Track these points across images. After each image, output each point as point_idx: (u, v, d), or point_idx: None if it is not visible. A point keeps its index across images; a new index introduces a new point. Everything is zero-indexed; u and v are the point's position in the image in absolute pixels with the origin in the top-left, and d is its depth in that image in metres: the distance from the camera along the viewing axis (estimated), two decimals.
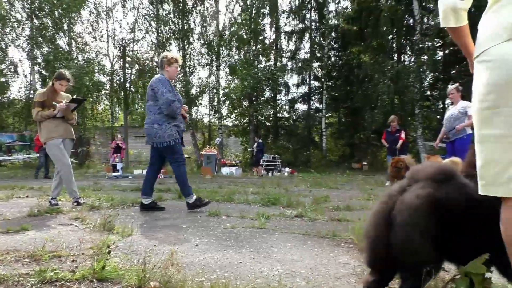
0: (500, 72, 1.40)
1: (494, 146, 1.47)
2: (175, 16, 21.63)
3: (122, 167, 15.00)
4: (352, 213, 4.63)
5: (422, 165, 1.83)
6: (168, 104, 4.76)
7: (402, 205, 1.60)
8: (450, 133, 7.00)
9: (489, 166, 1.48)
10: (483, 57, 1.48)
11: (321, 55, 25.51)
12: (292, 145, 24.80)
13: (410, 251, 1.55)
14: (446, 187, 1.63)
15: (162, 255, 2.41)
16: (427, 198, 1.58)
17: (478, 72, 1.54)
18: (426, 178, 1.68)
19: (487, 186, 1.49)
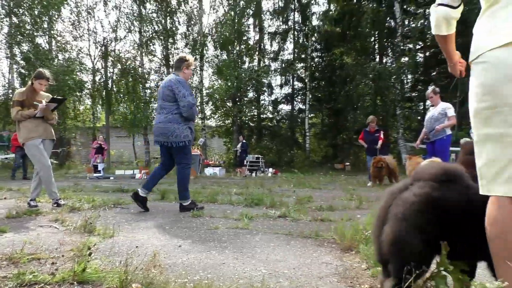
0: (497, 72, 1.45)
1: (493, 146, 1.50)
2: (158, 15, 21.44)
3: (103, 167, 14.79)
4: (334, 213, 4.67)
5: (427, 165, 1.86)
6: (190, 107, 4.84)
7: (398, 200, 1.66)
8: (430, 134, 7.14)
9: (489, 166, 1.52)
10: (480, 59, 1.53)
11: (304, 56, 25.66)
12: (276, 146, 24.88)
13: (398, 243, 1.58)
14: (446, 188, 1.66)
15: (144, 257, 2.39)
16: (423, 196, 1.62)
17: (475, 74, 1.58)
18: (427, 178, 1.72)
19: (488, 185, 1.53)
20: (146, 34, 21.81)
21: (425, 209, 1.60)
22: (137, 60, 22.37)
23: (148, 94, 22.13)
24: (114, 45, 22.44)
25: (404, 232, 1.58)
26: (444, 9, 1.73)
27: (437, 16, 1.76)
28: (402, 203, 1.63)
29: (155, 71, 22.44)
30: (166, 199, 6.09)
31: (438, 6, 1.75)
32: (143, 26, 21.53)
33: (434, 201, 1.61)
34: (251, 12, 23.56)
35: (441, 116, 6.99)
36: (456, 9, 1.72)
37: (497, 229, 1.49)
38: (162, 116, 4.89)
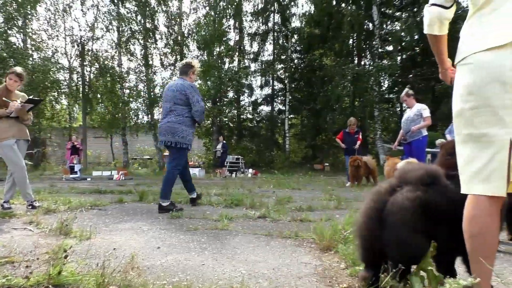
0: (481, 74, 1.50)
1: (474, 146, 1.56)
2: (137, 15, 21.15)
3: (80, 168, 14.51)
4: (314, 213, 4.70)
5: (411, 168, 1.92)
6: (202, 112, 5.11)
7: (394, 207, 1.71)
8: (407, 135, 7.26)
9: (469, 165, 1.58)
10: (466, 61, 1.59)
11: (284, 57, 25.78)
12: (256, 146, 24.91)
13: (402, 247, 1.67)
14: (431, 190, 1.74)
15: (122, 259, 2.36)
16: (417, 200, 1.69)
17: (460, 75, 1.64)
18: (414, 181, 1.79)
19: (467, 184, 1.60)
20: (125, 34, 21.50)
21: (420, 211, 1.67)
22: (116, 59, 22.04)
23: (126, 94, 21.80)
24: (91, 44, 22.07)
25: (407, 237, 1.66)
26: (437, 9, 1.76)
27: (430, 16, 1.79)
28: (399, 209, 1.69)
29: (134, 70, 22.15)
30: (144, 200, 6.01)
31: (431, 6, 1.78)
32: (122, 26, 21.21)
33: (426, 204, 1.69)
34: (231, 12, 23.51)
35: (417, 117, 7.11)
36: (449, 10, 1.75)
37: (475, 227, 1.54)
38: (172, 117, 5.01)
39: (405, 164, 1.99)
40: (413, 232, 1.66)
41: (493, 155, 1.50)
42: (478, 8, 1.61)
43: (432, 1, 1.78)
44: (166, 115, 5.08)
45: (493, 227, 1.53)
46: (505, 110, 1.47)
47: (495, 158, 1.50)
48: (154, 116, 21.78)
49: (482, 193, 1.54)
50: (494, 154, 1.50)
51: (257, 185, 9.86)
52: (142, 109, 21.92)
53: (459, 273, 1.90)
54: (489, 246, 1.53)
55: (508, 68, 1.44)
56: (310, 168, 21.36)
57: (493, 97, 1.48)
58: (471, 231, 1.55)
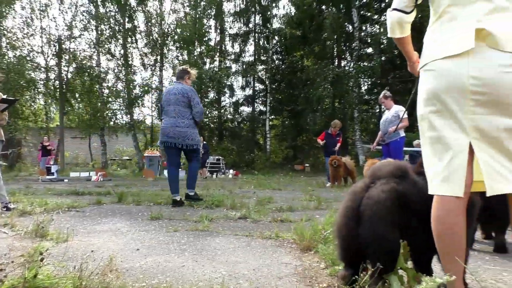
0: (441, 80, 1.58)
1: (435, 148, 1.64)
2: (116, 14, 20.85)
3: (57, 169, 14.22)
4: (294, 213, 4.72)
5: (380, 164, 1.97)
6: (202, 113, 5.71)
7: (369, 200, 1.74)
8: (385, 136, 7.39)
9: (431, 166, 1.65)
10: (428, 67, 1.66)
11: (265, 58, 25.85)
12: (237, 147, 24.89)
13: (379, 241, 1.68)
14: (404, 182, 1.80)
15: (100, 261, 2.32)
16: (392, 191, 1.73)
17: (423, 80, 1.71)
18: (386, 175, 1.83)
19: (431, 185, 1.67)
20: (104, 33, 21.16)
21: (396, 202, 1.71)
22: (94, 59, 21.68)
23: (105, 94, 21.46)
24: (69, 44, 21.64)
25: (382, 231, 1.68)
26: (398, 14, 1.82)
27: (391, 21, 1.86)
28: (375, 203, 1.71)
29: (113, 70, 21.83)
30: (123, 201, 5.93)
31: (392, 11, 1.84)
32: (100, 25, 20.87)
33: (401, 195, 1.73)
34: (212, 13, 23.46)
35: (395, 118, 7.23)
36: (409, 14, 1.82)
37: (441, 227, 1.60)
38: (178, 120, 5.51)
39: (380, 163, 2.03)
40: (389, 225, 1.69)
41: (452, 157, 1.58)
42: (439, 16, 1.69)
43: (393, 6, 1.84)
44: (171, 117, 5.54)
45: (458, 227, 1.58)
46: (464, 115, 1.54)
47: (454, 160, 1.57)
48: (134, 116, 21.51)
49: (441, 193, 1.61)
50: (453, 156, 1.57)
51: (238, 186, 9.85)
52: (121, 109, 21.62)
53: (435, 272, 1.94)
54: (457, 245, 1.58)
55: (466, 75, 1.52)
56: (291, 168, 21.48)
57: (452, 102, 1.56)
58: (438, 231, 1.61)
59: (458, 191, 1.57)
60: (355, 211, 1.77)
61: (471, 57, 1.52)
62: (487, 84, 1.49)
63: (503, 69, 1.48)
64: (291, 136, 26.05)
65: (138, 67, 22.40)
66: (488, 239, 3.29)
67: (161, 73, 22.38)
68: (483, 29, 1.52)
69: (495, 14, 1.55)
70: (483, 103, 1.51)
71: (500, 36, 1.50)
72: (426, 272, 1.77)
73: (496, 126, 1.51)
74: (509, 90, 1.48)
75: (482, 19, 1.54)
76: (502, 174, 1.51)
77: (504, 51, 1.49)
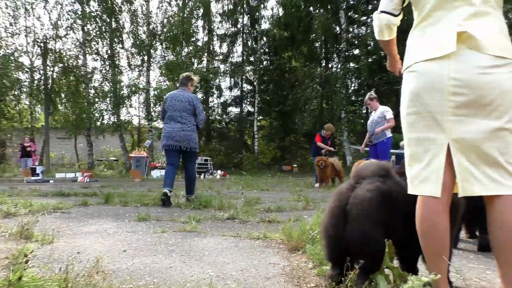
0: (423, 82, 1.61)
1: (416, 148, 1.68)
2: (102, 14, 20.61)
3: (42, 170, 14.02)
4: (282, 214, 4.74)
5: (364, 165, 1.99)
6: (205, 121, 6.27)
7: (355, 200, 1.76)
8: (372, 137, 7.47)
9: (412, 167, 1.69)
10: (411, 69, 1.69)
11: (253, 59, 25.86)
12: (224, 148, 24.84)
13: (365, 240, 1.69)
14: (388, 181, 1.83)
15: (86, 263, 2.29)
16: (377, 190, 1.75)
17: (406, 82, 1.74)
18: (371, 174, 1.86)
19: (411, 185, 1.71)
20: (91, 33, 20.89)
21: (381, 201, 1.73)
22: (80, 59, 21.41)
23: (92, 94, 21.22)
24: (54, 43, 21.32)
25: (369, 230, 1.70)
26: (386, 17, 1.85)
27: (379, 23, 1.88)
28: (361, 202, 1.73)
29: (100, 70, 21.59)
30: (110, 202, 5.87)
31: (380, 14, 1.87)
32: (86, 25, 20.61)
33: (386, 193, 1.76)
34: (200, 13, 23.38)
35: (381, 119, 7.33)
36: (397, 17, 1.85)
37: (425, 226, 1.63)
38: (184, 125, 5.83)
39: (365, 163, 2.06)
40: (375, 224, 1.70)
41: (432, 158, 1.61)
42: (421, 20, 1.73)
43: (381, 9, 1.86)
44: (177, 122, 5.82)
45: (441, 226, 1.61)
46: (444, 116, 1.58)
47: (433, 161, 1.61)
48: (121, 117, 21.31)
49: (420, 193, 1.65)
50: (433, 157, 1.61)
51: (226, 187, 9.83)
52: (108, 110, 21.39)
53: (421, 271, 1.97)
54: (440, 244, 1.61)
55: (446, 76, 1.55)
56: (279, 169, 21.53)
57: (433, 104, 1.59)
58: (422, 230, 1.65)
59: (435, 191, 1.60)
60: (341, 210, 1.78)
61: (452, 59, 1.56)
62: (466, 85, 1.53)
63: (482, 71, 1.52)
64: (279, 137, 26.10)
65: (125, 67, 22.21)
66: (472, 238, 3.35)
67: (148, 73, 22.21)
68: (464, 32, 1.56)
69: (477, 18, 1.59)
70: (462, 105, 1.55)
71: (481, 39, 1.54)
72: (412, 271, 1.79)
73: (474, 129, 1.55)
74: (486, 91, 1.52)
75: (463, 23, 1.58)
76: (477, 177, 1.54)
77: (484, 53, 1.53)
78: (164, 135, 5.89)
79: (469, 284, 2.11)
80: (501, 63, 1.53)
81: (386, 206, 1.73)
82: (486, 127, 1.53)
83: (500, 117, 1.53)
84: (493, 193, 1.53)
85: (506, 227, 1.52)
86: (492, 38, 1.56)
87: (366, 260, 1.66)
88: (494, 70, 1.52)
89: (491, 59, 1.52)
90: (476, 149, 1.54)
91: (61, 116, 22.17)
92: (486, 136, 1.53)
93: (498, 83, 1.52)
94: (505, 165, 1.53)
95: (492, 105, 1.52)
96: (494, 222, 1.56)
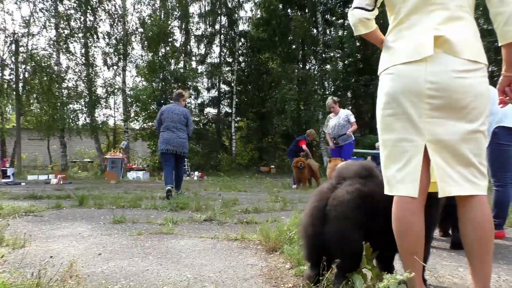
0: (399, 84, 1.65)
1: (393, 149, 1.71)
2: (77, 12, 20.15)
3: (13, 172, 13.60)
4: (260, 215, 4.75)
5: (346, 165, 2.01)
6: (193, 131, 7.67)
7: (335, 201, 1.77)
8: (340, 138, 8.07)
9: (389, 167, 1.71)
10: (388, 71, 1.72)
11: (231, 60, 25.83)
12: (202, 149, 24.68)
13: (344, 241, 1.71)
14: (369, 182, 1.85)
15: (59, 267, 2.24)
16: (356, 192, 1.77)
17: (382, 84, 1.77)
18: (352, 175, 1.88)
19: (388, 185, 1.74)
20: (65, 31, 20.39)
21: (360, 203, 1.74)
22: (53, 57, 20.87)
23: (65, 94, 20.71)
24: (26, 41, 20.71)
25: (347, 231, 1.71)
26: (360, 12, 1.85)
27: (354, 19, 1.88)
28: (340, 203, 1.75)
29: (74, 70, 21.10)
30: (84, 205, 5.74)
31: (354, 9, 1.87)
32: (60, 23, 20.11)
33: (365, 195, 1.77)
34: (177, 13, 23.18)
35: (346, 122, 8.01)
36: (371, 12, 1.85)
37: (401, 226, 1.67)
38: (180, 133, 7.10)
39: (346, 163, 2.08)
40: (354, 225, 1.72)
41: (409, 158, 1.65)
42: (398, 23, 1.76)
43: (354, 5, 1.87)
44: (173, 131, 7.04)
45: (417, 226, 1.65)
46: (420, 118, 1.62)
47: (410, 161, 1.65)
48: (96, 118, 20.89)
49: (398, 194, 1.68)
50: (410, 157, 1.65)
51: (203, 188, 9.79)
52: (82, 110, 20.93)
53: (396, 269, 2.00)
54: (416, 243, 1.65)
55: (423, 79, 1.59)
56: (257, 170, 21.55)
57: (410, 105, 1.63)
58: (398, 230, 1.68)
59: (413, 191, 1.64)
60: (321, 211, 1.80)
61: (428, 62, 1.60)
62: (441, 88, 1.57)
63: (457, 75, 1.57)
64: (256, 138, 26.12)
65: (100, 67, 21.79)
66: (445, 236, 3.43)
67: (124, 74, 21.87)
68: (441, 36, 1.60)
69: (452, 22, 1.64)
70: (438, 107, 1.60)
71: (456, 43, 1.59)
72: (388, 270, 1.82)
73: (449, 130, 1.60)
74: (461, 94, 1.57)
75: (440, 27, 1.63)
76: (453, 177, 1.60)
77: (459, 58, 1.58)
78: (163, 141, 7.05)
79: (442, 282, 2.17)
80: (474, 68, 1.59)
81: (365, 208, 1.75)
82: (461, 129, 1.59)
83: (474, 120, 1.59)
84: (468, 193, 1.59)
85: (477, 225, 1.59)
86: (467, 42, 1.62)
87: (344, 260, 1.68)
88: (468, 75, 1.58)
89: (466, 63, 1.58)
90: (452, 150, 1.60)
91: (33, 116, 21.52)
92: (461, 137, 1.59)
93: (473, 87, 1.58)
94: (478, 166, 1.60)
95: (466, 108, 1.58)
96: (465, 220, 1.63)
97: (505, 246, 3.19)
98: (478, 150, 1.61)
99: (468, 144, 1.59)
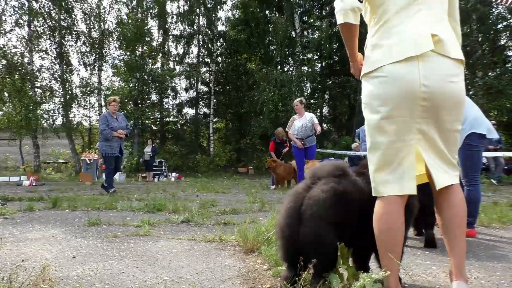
0: (394, 87, 1.66)
1: (385, 152, 1.72)
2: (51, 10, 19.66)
3: None
4: (238, 216, 4.74)
5: (320, 165, 2.02)
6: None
7: (310, 200, 1.78)
8: (307, 140, 8.47)
9: (382, 169, 1.74)
10: (377, 73, 1.71)
11: (209, 60, 25.74)
12: (180, 150, 24.49)
13: (319, 241, 1.72)
14: (343, 181, 1.86)
15: (32, 271, 2.18)
16: (331, 191, 1.78)
17: (371, 86, 1.75)
18: (326, 175, 1.89)
19: (378, 188, 1.76)
20: (38, 30, 19.85)
21: (335, 201, 1.75)
22: (26, 56, 20.29)
23: (38, 94, 20.18)
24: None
25: (323, 231, 1.72)
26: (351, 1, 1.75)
27: (344, 6, 1.76)
28: (315, 202, 1.75)
29: (47, 68, 20.57)
30: (58, 207, 5.61)
31: None
32: (33, 20, 19.57)
33: (340, 193, 1.79)
34: (155, 13, 22.95)
35: (311, 124, 8.49)
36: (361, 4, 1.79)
37: (384, 225, 1.70)
38: None
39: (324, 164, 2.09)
40: (329, 224, 1.73)
41: (404, 158, 1.69)
42: (384, 23, 1.76)
43: None
44: None
45: (399, 224, 1.70)
46: (412, 119, 1.67)
47: (405, 161, 1.69)
48: (70, 118, 20.44)
49: (394, 194, 1.70)
50: (405, 157, 1.69)
51: (181, 189, 9.70)
52: (56, 110, 20.44)
53: (372, 269, 2.04)
54: (396, 242, 1.69)
55: (418, 83, 1.63)
56: (235, 171, 21.53)
57: (404, 108, 1.66)
58: (380, 228, 1.71)
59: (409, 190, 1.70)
60: (296, 211, 1.80)
61: (420, 63, 1.63)
62: (434, 92, 1.63)
63: (449, 79, 1.65)
64: (235, 139, 26.09)
65: (75, 66, 21.33)
66: (419, 236, 3.51)
67: (100, 73, 21.47)
68: (436, 35, 1.64)
69: (440, 22, 1.71)
70: (428, 109, 1.66)
71: (446, 42, 1.65)
72: (363, 269, 1.85)
73: (434, 129, 1.69)
74: (449, 98, 1.66)
75: (431, 26, 1.68)
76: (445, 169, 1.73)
77: (450, 58, 1.65)
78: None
79: (416, 280, 2.21)
80: (460, 71, 1.70)
81: (340, 207, 1.76)
82: (443, 128, 1.70)
83: (454, 120, 1.72)
84: (451, 183, 1.73)
85: (453, 206, 1.74)
86: (452, 41, 1.71)
87: (319, 260, 1.69)
88: (457, 79, 1.68)
89: (453, 65, 1.67)
90: (435, 147, 1.70)
91: (5, 116, 20.88)
92: (442, 135, 1.70)
93: (459, 92, 1.69)
94: (452, 160, 1.75)
95: (451, 110, 1.69)
96: (443, 205, 1.75)
97: (476, 244, 3.28)
98: (453, 147, 1.76)
99: (447, 141, 1.72)
